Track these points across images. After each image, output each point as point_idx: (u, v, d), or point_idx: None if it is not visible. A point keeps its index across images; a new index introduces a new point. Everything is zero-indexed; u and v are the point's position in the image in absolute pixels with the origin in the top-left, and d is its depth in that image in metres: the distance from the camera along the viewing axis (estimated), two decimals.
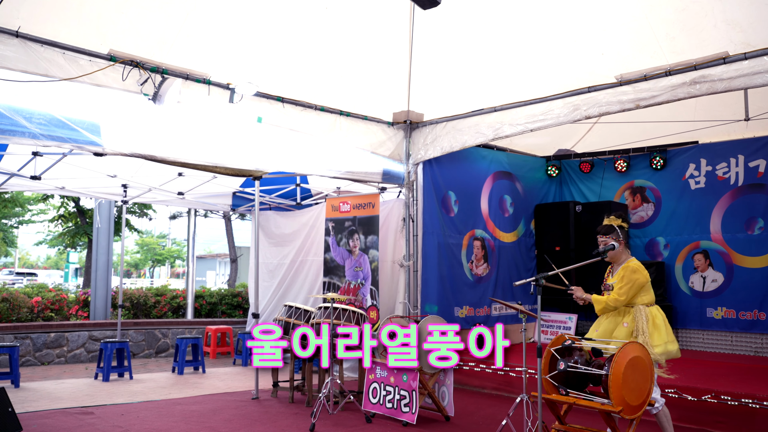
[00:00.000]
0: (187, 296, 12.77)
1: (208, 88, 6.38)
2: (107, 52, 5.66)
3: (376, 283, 8.48)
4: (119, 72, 5.72)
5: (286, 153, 7.36)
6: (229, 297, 13.30)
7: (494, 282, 9.66)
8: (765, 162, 8.88)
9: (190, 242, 13.43)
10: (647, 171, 9.99)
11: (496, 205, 9.83)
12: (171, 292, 12.88)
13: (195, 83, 6.29)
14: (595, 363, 4.62)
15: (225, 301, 13.21)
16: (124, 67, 5.73)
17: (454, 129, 7.93)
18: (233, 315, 13.09)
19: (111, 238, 12.25)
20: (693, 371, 7.20)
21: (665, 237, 9.79)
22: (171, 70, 6.03)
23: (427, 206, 8.62)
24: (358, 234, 8.77)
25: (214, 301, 13.10)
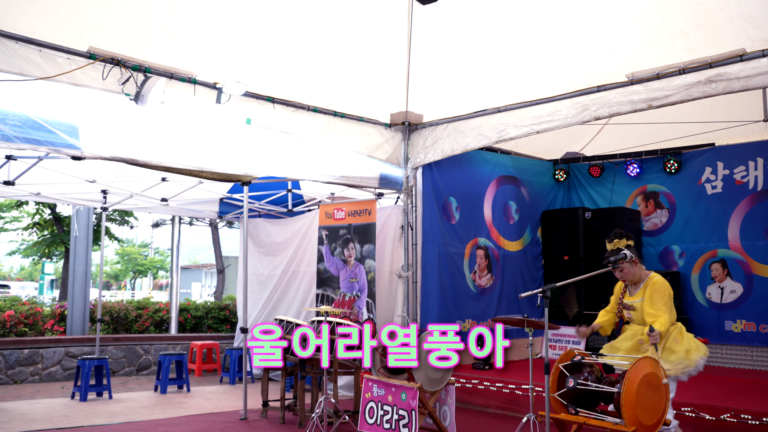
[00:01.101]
0: (170, 309, 12.74)
1: (194, 87, 6.39)
2: (86, 50, 5.67)
3: (372, 295, 8.48)
4: (99, 71, 5.72)
5: (277, 156, 7.36)
6: (215, 310, 13.27)
7: (498, 294, 9.67)
8: None
9: (174, 252, 13.41)
10: (661, 175, 10.03)
11: (500, 212, 9.85)
12: (153, 306, 12.84)
13: (180, 82, 6.30)
14: (607, 380, 4.63)
15: (211, 314, 13.18)
16: (104, 66, 5.74)
17: (455, 131, 7.96)
18: (220, 329, 13.06)
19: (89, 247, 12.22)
20: (711, 388, 7.20)
21: (680, 245, 9.82)
22: (154, 69, 6.04)
23: (426, 213, 8.63)
24: (353, 243, 8.77)
25: (199, 315, 13.07)
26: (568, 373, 4.69)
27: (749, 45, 5.58)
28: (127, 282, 42.59)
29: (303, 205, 11.13)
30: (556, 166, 10.83)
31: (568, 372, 4.71)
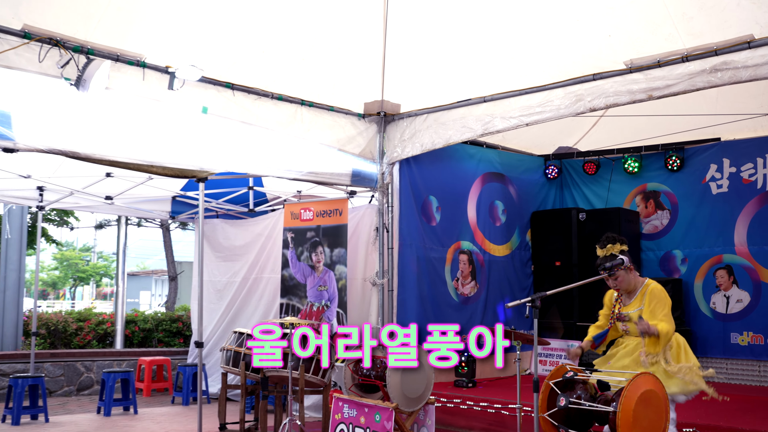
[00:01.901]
0: (115, 321, 12.62)
1: (143, 71, 6.33)
2: (21, 28, 5.59)
3: (343, 305, 8.47)
4: (35, 52, 5.65)
5: (237, 150, 7.33)
6: (167, 322, 13.18)
7: (483, 303, 9.71)
8: None
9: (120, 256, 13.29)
10: (662, 173, 10.15)
11: (485, 213, 9.90)
12: (96, 317, 12.72)
13: (127, 66, 6.24)
14: (601, 398, 4.68)
15: (162, 327, 13.09)
16: (41, 46, 5.67)
17: (436, 122, 7.98)
18: (172, 344, 12.98)
19: (23, 251, 12.06)
20: (714, 407, 7.30)
21: (683, 250, 9.95)
22: (98, 50, 5.98)
23: (404, 213, 8.65)
24: (322, 246, 8.76)
25: (148, 328, 12.97)
26: (560, 391, 4.73)
27: (758, 31, 5.67)
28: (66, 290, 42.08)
29: (266, 204, 11.09)
30: (547, 162, 10.91)
31: (559, 390, 4.75)
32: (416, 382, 6.38)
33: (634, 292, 5.29)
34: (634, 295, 5.28)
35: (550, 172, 10.83)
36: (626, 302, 5.32)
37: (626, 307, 5.31)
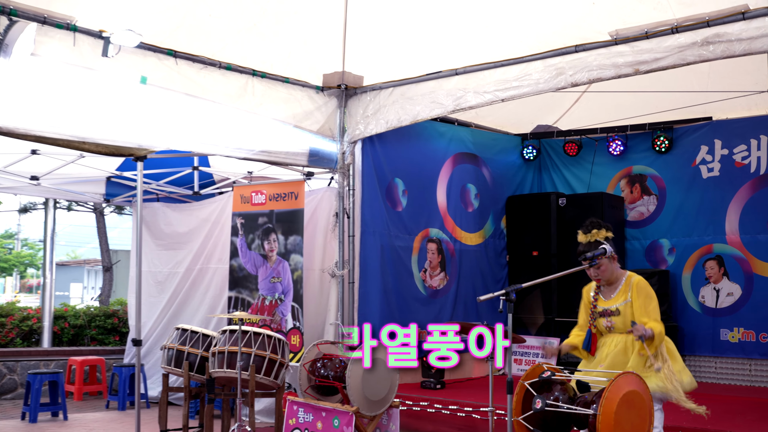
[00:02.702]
0: (42, 317, 12.45)
1: (74, 36, 6.24)
2: None
3: (299, 298, 8.47)
4: None
5: (180, 125, 7.27)
6: (101, 318, 13.06)
7: (453, 296, 9.78)
8: None
9: (48, 244, 13.10)
10: (648, 154, 10.28)
11: (456, 197, 9.95)
12: (20, 312, 12.54)
13: (55, 29, 6.14)
14: (581, 400, 4.73)
15: (96, 323, 12.96)
16: None
17: (403, 97, 7.98)
18: (107, 342, 12.87)
19: None
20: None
21: (670, 239, 10.11)
22: (22, 11, 5.87)
23: (367, 198, 8.65)
24: (275, 234, 8.73)
25: (80, 324, 12.84)
26: (536, 393, 4.78)
27: (753, 1, 5.74)
28: None
29: (213, 186, 11.01)
30: (524, 142, 10.98)
31: (535, 391, 4.80)
32: (379, 384, 6.41)
33: (615, 285, 5.32)
34: (617, 288, 5.30)
35: (528, 153, 10.90)
36: (609, 295, 5.34)
37: (609, 301, 5.33)
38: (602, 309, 5.34)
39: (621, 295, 5.26)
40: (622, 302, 5.24)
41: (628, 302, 5.22)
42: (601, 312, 5.34)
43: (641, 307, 5.16)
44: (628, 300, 5.23)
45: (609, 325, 5.31)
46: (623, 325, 5.21)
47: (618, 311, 5.25)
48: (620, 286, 5.29)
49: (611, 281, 5.34)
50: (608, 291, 5.35)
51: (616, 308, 5.26)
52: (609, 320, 5.30)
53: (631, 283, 5.24)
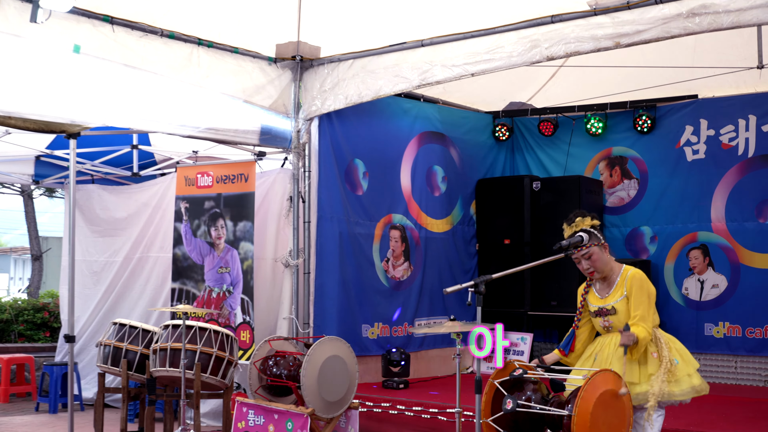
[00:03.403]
0: None
1: None
2: None
3: (249, 290, 8.44)
4: None
5: (118, 99, 7.19)
6: (29, 312, 12.94)
7: (419, 288, 9.80)
8: None
9: None
10: (630, 135, 10.36)
11: (422, 180, 9.96)
12: None
13: None
14: (555, 400, 4.78)
15: (24, 317, 12.84)
16: None
17: (364, 70, 7.96)
18: (36, 338, 12.75)
19: None
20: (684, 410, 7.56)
21: (652, 226, 10.22)
22: None
23: (324, 180, 8.64)
24: (223, 219, 8.69)
25: (6, 318, 12.72)
26: (506, 392, 4.82)
27: None
28: None
29: (154, 167, 10.92)
30: (496, 120, 11.01)
31: (506, 390, 4.84)
32: (336, 383, 6.43)
33: (611, 280, 5.30)
34: (613, 284, 5.28)
35: (500, 133, 10.94)
36: (604, 292, 5.33)
37: (605, 299, 5.32)
38: (597, 308, 5.33)
39: (617, 291, 5.23)
40: (619, 299, 5.22)
41: (624, 298, 5.21)
42: (597, 311, 5.33)
43: (632, 307, 5.15)
44: (624, 296, 5.21)
45: (606, 325, 5.31)
46: (620, 324, 5.18)
47: (614, 310, 5.23)
48: (617, 281, 5.26)
49: (605, 274, 5.30)
50: (603, 287, 5.33)
51: (612, 306, 5.24)
52: (606, 320, 5.30)
53: (628, 279, 5.22)
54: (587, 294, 5.43)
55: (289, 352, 6.84)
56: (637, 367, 5.14)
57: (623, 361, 4.99)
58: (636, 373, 5.11)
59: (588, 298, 5.42)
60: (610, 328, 5.29)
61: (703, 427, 6.65)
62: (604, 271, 5.30)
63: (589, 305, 5.40)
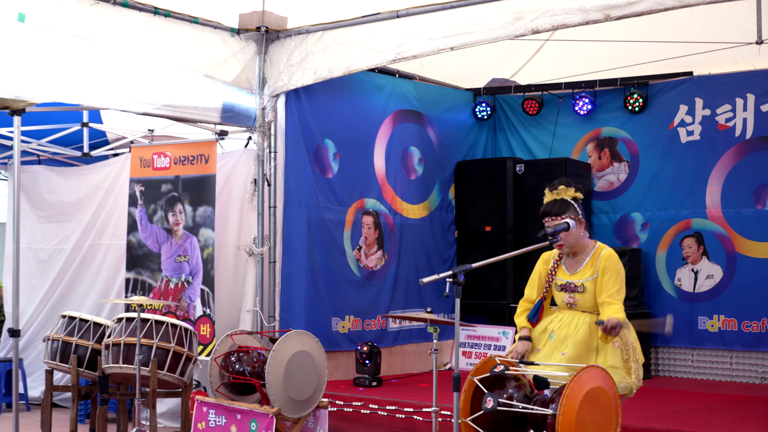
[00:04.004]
0: None
1: None
2: None
3: (210, 281, 8.41)
4: None
5: (67, 73, 7.13)
6: None
7: (393, 278, 9.82)
8: None
9: None
10: (620, 115, 10.40)
11: (397, 162, 9.96)
12: None
13: None
14: (538, 398, 4.81)
15: None
16: None
17: (334, 43, 7.94)
18: None
19: None
20: (675, 408, 7.63)
21: (643, 213, 10.28)
22: None
23: (291, 162, 8.62)
24: (182, 204, 8.65)
25: None
26: (487, 390, 4.84)
27: None
28: None
29: (106, 147, 10.84)
30: (477, 98, 11.02)
31: (486, 388, 4.86)
32: (304, 381, 6.44)
33: (582, 256, 5.32)
34: (583, 261, 5.30)
35: (481, 112, 10.95)
36: (573, 268, 5.34)
37: (574, 275, 5.33)
38: (564, 282, 5.36)
39: (588, 268, 5.27)
40: (589, 278, 5.25)
41: (595, 278, 5.24)
42: (563, 286, 5.37)
43: (605, 285, 5.16)
44: (595, 276, 5.24)
45: (571, 301, 5.34)
46: (587, 304, 5.25)
47: (583, 288, 5.26)
48: (587, 259, 5.29)
49: (576, 250, 5.32)
50: (572, 263, 5.35)
51: (582, 284, 5.27)
52: (572, 296, 5.33)
53: (601, 256, 5.24)
54: (557, 267, 5.43)
55: (253, 348, 6.83)
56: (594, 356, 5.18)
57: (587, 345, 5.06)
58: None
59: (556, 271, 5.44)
60: (574, 306, 5.32)
61: (696, 426, 6.72)
62: (574, 247, 5.31)
63: (556, 278, 5.42)
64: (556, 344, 5.25)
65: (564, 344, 5.22)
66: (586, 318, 5.25)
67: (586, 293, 5.26)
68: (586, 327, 5.22)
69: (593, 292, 5.24)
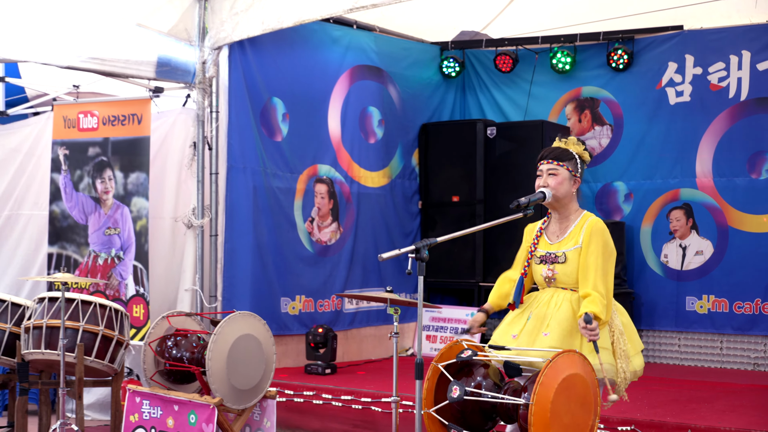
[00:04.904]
0: None
1: None
2: None
3: (144, 256, 8.37)
4: None
5: None
6: None
7: (350, 254, 9.82)
8: None
9: None
10: (603, 73, 10.44)
11: (354, 124, 9.94)
12: None
13: None
14: (509, 386, 4.83)
15: None
16: None
17: None
18: None
19: None
20: (661, 396, 7.72)
21: (627, 182, 10.35)
22: None
23: (235, 123, 8.58)
24: (112, 170, 8.58)
25: None
26: (453, 378, 4.86)
27: None
28: None
29: (25, 105, 10.70)
30: (444, 53, 11.00)
31: (452, 376, 4.88)
32: (250, 368, 6.43)
33: (567, 224, 5.20)
34: (567, 229, 5.20)
35: (448, 68, 10.93)
36: (556, 237, 5.23)
37: (556, 244, 5.23)
38: (545, 253, 5.21)
39: (571, 237, 5.08)
40: (572, 247, 5.08)
41: (578, 248, 5.12)
42: (543, 257, 5.22)
43: (589, 260, 5.00)
44: (578, 245, 5.13)
45: (549, 275, 5.20)
46: (568, 279, 5.10)
47: (564, 258, 5.11)
48: (572, 227, 5.15)
49: (560, 207, 5.19)
50: (556, 231, 5.23)
51: (563, 254, 5.10)
52: (550, 269, 5.16)
53: (585, 226, 5.12)
54: (540, 237, 5.34)
55: (192, 331, 6.80)
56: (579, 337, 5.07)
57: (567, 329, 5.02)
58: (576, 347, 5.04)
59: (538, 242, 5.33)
60: (553, 280, 5.18)
61: (682, 417, 6.79)
62: (559, 201, 5.20)
63: (537, 250, 5.29)
64: (535, 324, 5.10)
65: (545, 324, 5.09)
66: (567, 295, 5.13)
67: (567, 265, 5.10)
68: (568, 305, 5.07)
69: (576, 265, 5.09)
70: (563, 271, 5.14)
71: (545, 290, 5.26)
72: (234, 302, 8.44)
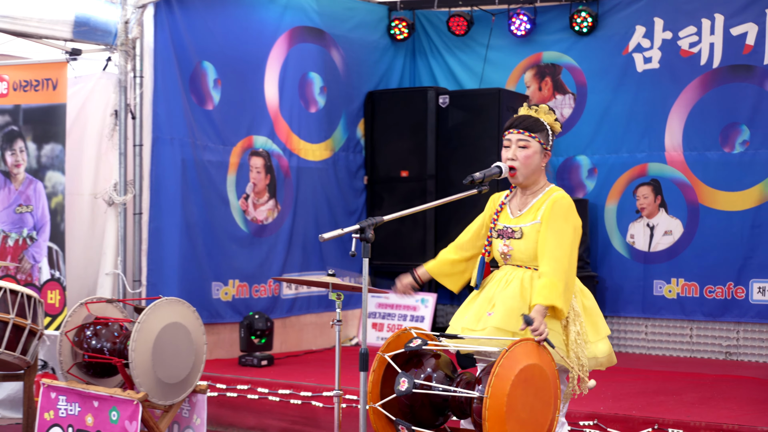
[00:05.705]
0: None
1: None
2: None
3: (59, 237, 8.30)
4: None
5: None
6: None
7: (288, 235, 9.81)
8: (756, 28, 9.59)
9: None
10: (565, 37, 10.49)
11: (293, 92, 9.91)
12: None
13: None
14: (462, 378, 4.86)
15: None
16: None
17: None
18: None
19: None
20: (626, 389, 7.82)
21: (590, 156, 10.43)
22: None
23: (161, 89, 8.55)
24: (23, 140, 8.49)
25: None
26: (400, 369, 4.88)
27: None
28: None
29: None
30: (392, 13, 10.98)
31: (399, 367, 4.89)
32: (177, 360, 6.41)
33: (530, 198, 5.17)
34: (530, 202, 5.17)
35: (397, 30, 10.91)
36: (517, 210, 5.18)
37: (515, 218, 5.19)
38: (502, 227, 5.19)
39: (531, 212, 5.06)
40: (529, 222, 5.04)
41: (536, 224, 5.10)
42: (500, 231, 5.21)
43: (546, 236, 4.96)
44: (536, 221, 5.11)
45: (505, 251, 5.17)
46: (523, 256, 5.09)
47: (521, 233, 5.10)
48: (534, 201, 5.16)
49: (527, 182, 5.13)
50: (518, 204, 5.22)
51: (519, 228, 5.12)
52: (506, 244, 5.11)
53: (549, 199, 5.11)
54: (501, 211, 5.32)
55: (114, 319, 6.77)
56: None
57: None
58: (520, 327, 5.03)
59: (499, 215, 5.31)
60: (509, 257, 5.18)
61: (649, 410, 6.87)
62: (527, 176, 5.13)
63: (497, 223, 5.27)
64: (482, 305, 5.14)
65: (490, 303, 5.11)
66: (519, 272, 5.12)
67: (522, 241, 5.07)
68: (518, 282, 5.06)
69: (533, 242, 5.07)
70: (518, 247, 5.12)
71: (502, 268, 5.26)
72: (160, 287, 8.40)
